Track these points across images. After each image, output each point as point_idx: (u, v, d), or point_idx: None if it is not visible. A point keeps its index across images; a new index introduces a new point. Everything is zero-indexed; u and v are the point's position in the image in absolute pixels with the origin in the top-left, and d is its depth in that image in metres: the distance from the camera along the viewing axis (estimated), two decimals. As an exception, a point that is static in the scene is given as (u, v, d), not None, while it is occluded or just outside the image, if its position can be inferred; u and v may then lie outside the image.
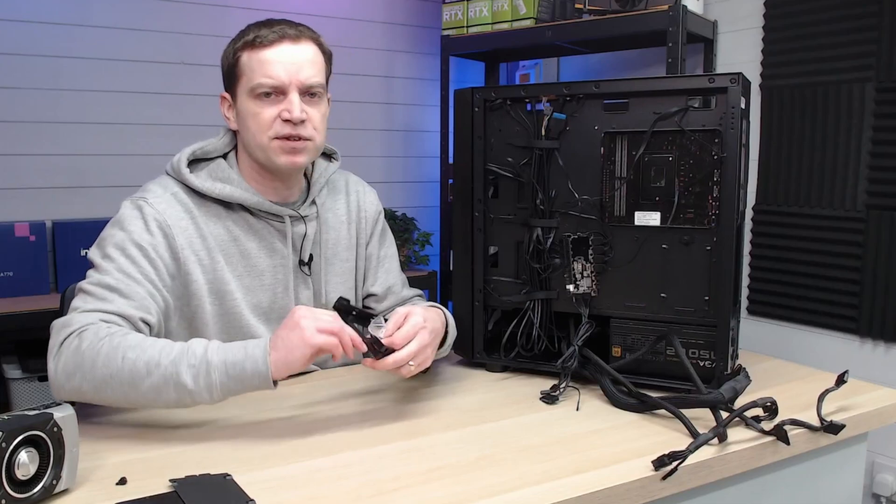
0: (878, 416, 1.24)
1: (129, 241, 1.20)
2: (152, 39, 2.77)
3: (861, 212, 2.24)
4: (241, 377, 1.05)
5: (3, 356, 2.44)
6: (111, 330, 1.09)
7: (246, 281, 1.30)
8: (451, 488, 0.91)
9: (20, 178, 2.59)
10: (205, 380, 1.04)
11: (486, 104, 1.37)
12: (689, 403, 1.14)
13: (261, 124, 1.25)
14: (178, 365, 1.04)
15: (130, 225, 1.21)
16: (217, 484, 0.91)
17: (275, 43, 1.24)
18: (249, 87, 1.24)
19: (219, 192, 1.27)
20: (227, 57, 1.29)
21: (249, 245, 1.30)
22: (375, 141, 3.35)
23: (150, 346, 1.07)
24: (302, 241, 1.35)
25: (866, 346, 2.28)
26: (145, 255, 1.20)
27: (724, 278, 1.24)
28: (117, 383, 1.05)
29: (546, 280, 1.36)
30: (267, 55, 1.23)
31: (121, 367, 1.04)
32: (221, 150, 1.33)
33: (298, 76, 1.24)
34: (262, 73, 1.23)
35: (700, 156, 1.24)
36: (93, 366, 1.05)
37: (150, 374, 1.04)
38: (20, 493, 0.83)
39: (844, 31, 2.25)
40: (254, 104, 1.25)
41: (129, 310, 1.15)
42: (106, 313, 1.13)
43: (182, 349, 1.06)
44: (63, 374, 1.07)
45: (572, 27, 2.62)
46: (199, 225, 1.26)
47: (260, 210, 1.30)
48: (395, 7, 3.38)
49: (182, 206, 1.26)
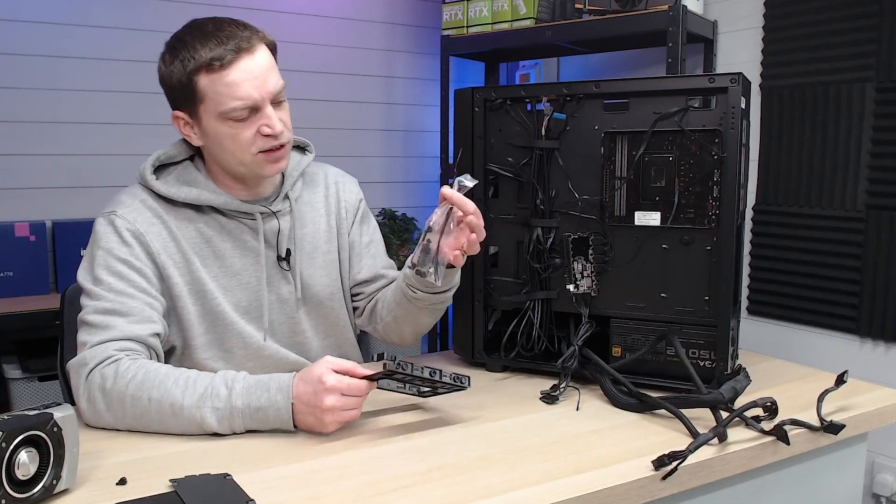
0: (878, 416, 1.24)
1: (111, 258, 1.21)
2: (152, 39, 2.75)
3: (861, 212, 2.24)
4: (265, 421, 1.09)
5: (3, 356, 2.44)
6: (132, 367, 1.11)
7: (223, 281, 1.30)
8: (451, 488, 0.91)
9: (20, 178, 2.59)
10: (229, 422, 1.08)
11: (486, 104, 1.37)
12: (689, 403, 1.14)
13: (241, 144, 1.23)
14: (203, 409, 1.08)
15: (107, 242, 1.22)
16: (217, 484, 0.91)
17: (234, 62, 1.18)
18: (219, 112, 1.20)
19: (185, 195, 1.26)
20: (176, 78, 1.22)
21: (223, 245, 1.30)
22: (375, 141, 3.35)
23: (172, 385, 1.09)
24: (277, 236, 1.34)
25: (866, 346, 2.28)
26: (131, 266, 1.21)
27: (724, 278, 1.24)
28: (147, 422, 1.10)
29: (546, 280, 1.36)
30: (231, 77, 1.18)
31: (147, 408, 1.09)
32: (187, 152, 1.32)
33: (267, 88, 1.21)
34: (232, 96, 1.18)
35: (700, 156, 1.24)
36: (122, 406, 1.10)
37: (176, 416, 1.08)
38: (20, 493, 0.83)
39: (844, 31, 2.26)
40: (227, 126, 1.21)
41: (135, 329, 1.16)
42: (116, 341, 1.15)
43: (205, 390, 1.09)
44: (95, 413, 1.11)
45: (572, 27, 2.62)
46: (171, 229, 1.26)
47: (229, 210, 1.30)
48: (395, 7, 3.38)
49: (151, 211, 1.26)
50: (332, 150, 3.16)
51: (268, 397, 1.08)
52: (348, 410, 1.08)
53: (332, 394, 1.06)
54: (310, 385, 1.07)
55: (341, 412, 1.07)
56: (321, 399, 1.06)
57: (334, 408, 1.06)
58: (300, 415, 1.08)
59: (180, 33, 1.24)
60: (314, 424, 1.08)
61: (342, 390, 1.07)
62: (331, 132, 3.21)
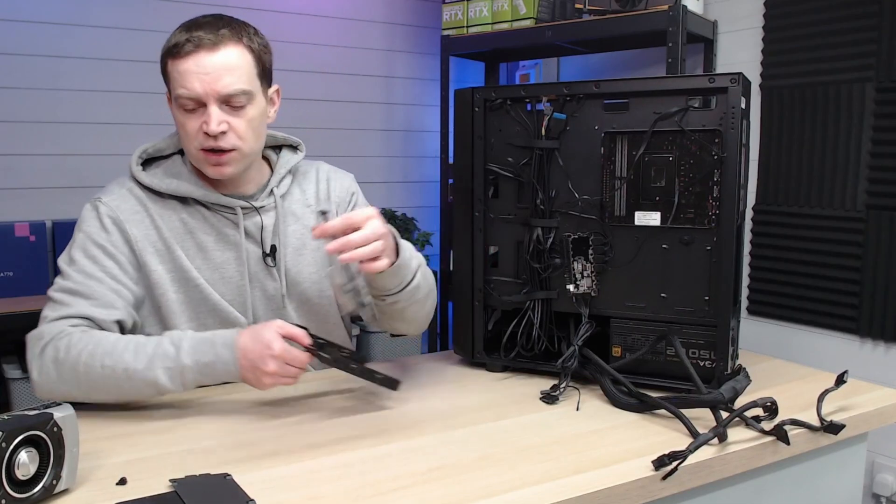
0: (878, 416, 1.24)
1: (88, 241, 1.26)
2: (152, 39, 2.75)
3: (861, 212, 2.24)
4: (213, 376, 1.15)
5: (3, 356, 2.44)
6: (84, 338, 1.15)
7: (206, 273, 1.31)
8: (451, 488, 0.91)
9: (20, 178, 2.59)
10: (181, 379, 1.14)
11: (486, 104, 1.37)
12: (689, 403, 1.14)
13: (188, 135, 1.25)
14: (154, 370, 1.13)
15: (88, 226, 1.27)
16: (217, 484, 0.91)
17: (190, 54, 1.21)
18: (175, 96, 1.24)
19: (166, 186, 1.29)
20: (160, 59, 1.28)
21: (206, 238, 1.31)
22: (375, 141, 3.35)
23: (123, 350, 1.14)
24: (261, 232, 1.35)
25: (866, 346, 2.28)
26: (105, 252, 1.25)
27: (724, 278, 1.24)
28: (102, 389, 1.15)
29: (546, 280, 1.36)
30: (184, 66, 1.21)
31: (102, 374, 1.13)
32: (175, 146, 1.35)
33: (215, 86, 1.21)
34: (181, 84, 1.22)
35: (700, 156, 1.24)
36: (75, 376, 1.14)
37: (131, 380, 1.13)
38: (20, 493, 0.83)
39: (844, 31, 2.26)
40: (180, 114, 1.25)
41: (92, 310, 1.20)
42: (71, 318, 1.19)
43: (154, 351, 1.14)
44: (48, 383, 1.16)
45: (572, 27, 2.62)
46: (154, 217, 1.29)
47: (209, 202, 1.31)
48: (395, 7, 3.38)
49: (136, 199, 1.29)
50: (332, 150, 3.16)
51: (214, 352, 1.14)
52: (286, 377, 1.14)
53: (276, 360, 1.12)
54: (258, 345, 1.13)
55: (280, 378, 1.14)
56: (265, 363, 1.12)
57: (275, 374, 1.13)
58: (242, 369, 1.14)
59: None
60: (252, 381, 1.15)
61: (286, 360, 1.13)
62: (331, 132, 3.21)
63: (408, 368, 1.44)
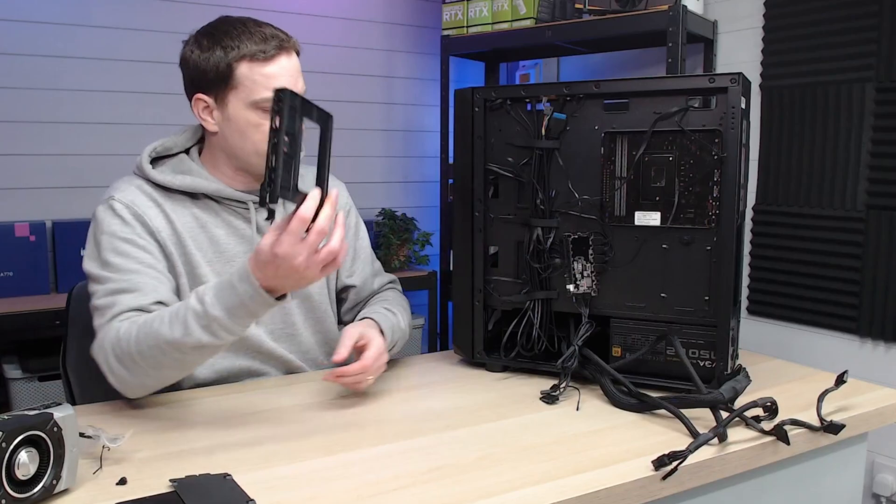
0: (878, 416, 1.24)
1: (115, 239, 1.25)
2: (152, 39, 2.77)
3: (861, 212, 2.24)
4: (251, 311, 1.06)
5: (3, 356, 2.44)
6: (128, 329, 1.14)
7: (217, 267, 1.32)
8: (451, 488, 0.91)
9: (20, 178, 2.59)
10: (222, 330, 1.07)
11: (486, 104, 1.37)
12: (689, 403, 1.14)
13: (264, 134, 1.25)
14: (192, 333, 1.07)
15: (109, 226, 1.26)
16: (217, 484, 0.91)
17: (275, 57, 1.27)
18: (252, 100, 1.26)
19: (179, 183, 1.30)
20: (213, 63, 1.26)
21: (217, 232, 1.33)
22: (375, 141, 3.35)
23: (159, 325, 1.10)
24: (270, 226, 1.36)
25: (866, 346, 2.28)
26: (135, 244, 1.25)
27: (724, 278, 1.24)
28: (165, 367, 1.13)
29: (546, 280, 1.36)
30: (271, 70, 1.26)
31: (153, 355, 1.10)
32: (183, 145, 1.37)
33: (297, 88, 1.28)
34: (268, 86, 1.24)
35: (700, 156, 1.24)
36: (137, 367, 1.13)
37: (179, 350, 1.09)
38: (20, 493, 0.83)
39: (844, 31, 2.25)
40: (256, 115, 1.27)
41: (138, 300, 1.19)
42: (120, 315, 1.18)
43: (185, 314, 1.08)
44: (124, 383, 1.16)
45: (572, 27, 2.62)
46: (167, 212, 1.30)
47: (222, 197, 1.33)
48: (395, 7, 3.38)
49: (147, 196, 1.30)
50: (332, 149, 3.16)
51: (236, 293, 1.05)
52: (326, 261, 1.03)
53: (294, 255, 1.01)
54: (268, 267, 1.02)
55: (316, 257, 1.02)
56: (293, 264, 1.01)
57: (309, 262, 1.02)
58: (274, 290, 1.05)
59: (219, 24, 1.30)
60: (300, 283, 1.05)
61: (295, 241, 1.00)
62: None
63: (408, 368, 1.44)
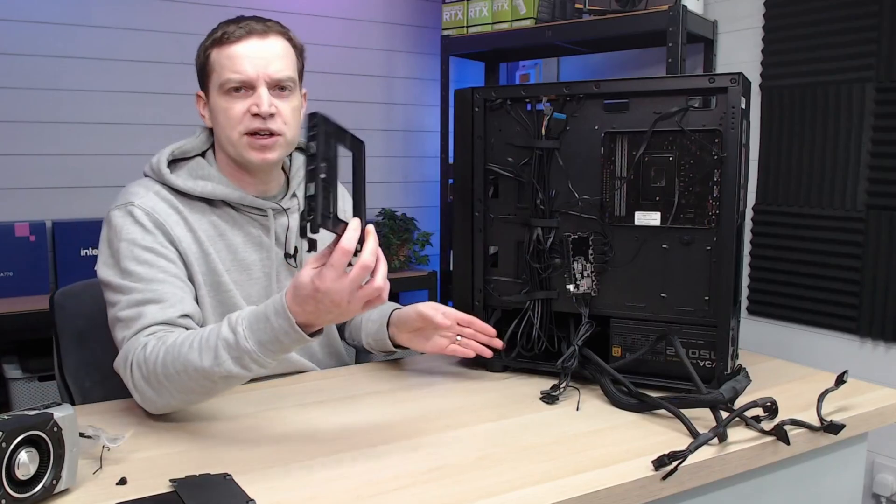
0: (878, 416, 1.23)
1: (136, 248, 1.20)
2: (152, 39, 2.77)
3: (861, 212, 2.24)
4: (285, 346, 1.01)
5: (3, 356, 2.44)
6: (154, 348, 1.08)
7: (234, 275, 1.31)
8: (451, 488, 0.91)
9: (20, 178, 2.59)
10: (253, 364, 1.02)
11: (486, 104, 1.37)
12: (689, 403, 1.14)
13: (231, 119, 1.25)
14: (223, 363, 1.02)
15: (129, 233, 1.21)
16: (217, 484, 0.91)
17: (242, 39, 1.25)
18: (219, 84, 1.25)
19: (200, 189, 1.28)
20: (198, 56, 1.30)
21: (235, 240, 1.31)
22: (375, 141, 3.35)
23: (188, 351, 1.04)
24: (286, 233, 1.36)
25: (866, 346, 2.28)
26: (157, 253, 1.21)
27: (724, 278, 1.24)
28: (192, 392, 1.08)
29: (546, 280, 1.36)
30: (235, 50, 1.24)
31: (180, 381, 1.06)
32: (199, 148, 1.34)
33: (266, 70, 1.25)
34: (231, 68, 1.24)
35: (700, 156, 1.24)
36: (163, 388, 1.08)
37: (208, 378, 1.04)
38: (20, 493, 0.83)
39: (844, 31, 2.26)
40: (223, 100, 1.25)
41: (165, 313, 1.15)
42: (146, 328, 1.14)
43: (216, 343, 1.02)
44: (149, 402, 1.11)
45: (572, 27, 2.62)
46: (188, 219, 1.27)
47: (242, 205, 1.31)
48: (395, 7, 3.38)
49: (167, 202, 1.26)
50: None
51: (271, 328, 0.99)
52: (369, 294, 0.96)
53: (338, 290, 0.94)
54: (308, 302, 0.96)
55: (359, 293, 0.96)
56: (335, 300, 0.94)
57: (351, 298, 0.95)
58: (310, 327, 0.99)
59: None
60: (339, 318, 0.99)
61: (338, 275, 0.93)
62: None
63: (408, 368, 1.44)
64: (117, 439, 0.96)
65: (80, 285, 1.48)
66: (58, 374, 1.41)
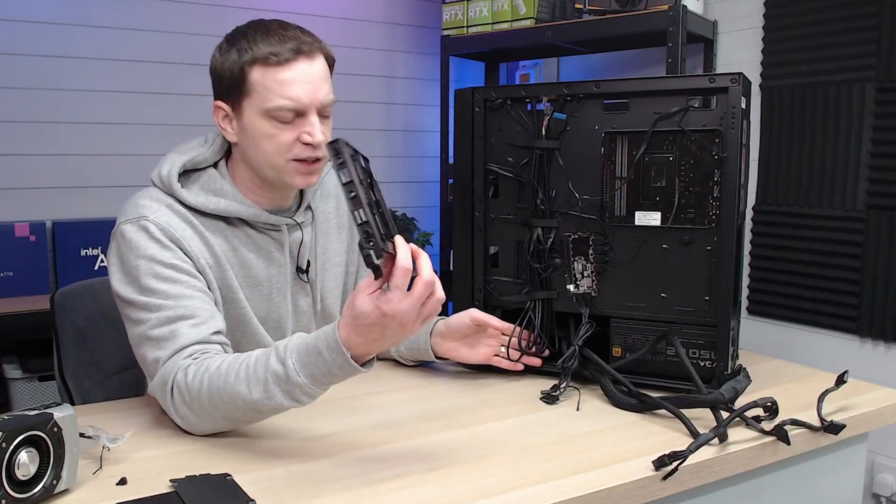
0: (879, 416, 1.24)
1: (156, 265, 1.15)
2: (152, 39, 2.77)
3: (861, 212, 2.24)
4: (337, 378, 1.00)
5: (3, 356, 2.44)
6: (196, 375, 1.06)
7: (246, 291, 1.27)
8: (451, 488, 0.91)
9: (20, 178, 2.59)
10: (304, 396, 1.01)
11: (486, 104, 1.37)
12: (689, 403, 1.14)
13: (279, 147, 1.19)
14: (273, 396, 1.01)
15: (147, 249, 1.16)
16: (217, 484, 0.91)
17: (291, 62, 1.16)
18: (264, 108, 1.17)
19: (214, 206, 1.22)
20: (227, 67, 1.19)
21: (248, 255, 1.27)
22: (375, 141, 3.35)
23: (235, 382, 1.03)
24: (299, 247, 1.33)
25: (866, 346, 2.28)
26: (179, 269, 1.17)
27: (724, 278, 1.24)
28: (239, 420, 1.07)
29: (546, 280, 1.36)
30: (285, 75, 1.16)
31: (228, 409, 1.04)
32: (212, 158, 1.27)
33: (317, 97, 1.18)
34: (282, 94, 1.16)
35: (700, 156, 1.24)
36: (207, 414, 1.06)
37: (256, 409, 1.03)
38: (20, 493, 0.83)
39: (844, 31, 2.26)
40: (269, 125, 1.18)
41: (201, 331, 1.13)
42: (183, 349, 1.11)
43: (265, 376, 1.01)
44: (192, 426, 1.08)
45: (572, 27, 2.62)
46: (203, 235, 1.22)
47: (257, 222, 1.27)
48: (395, 7, 3.38)
49: (180, 217, 1.21)
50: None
51: (324, 362, 0.97)
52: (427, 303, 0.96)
53: (405, 311, 0.93)
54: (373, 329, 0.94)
55: (423, 310, 0.96)
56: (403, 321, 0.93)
57: (419, 316, 0.95)
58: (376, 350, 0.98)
59: (243, 27, 1.21)
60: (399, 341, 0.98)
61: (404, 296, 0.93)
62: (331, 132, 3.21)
63: (408, 368, 1.44)
64: (117, 439, 0.96)
65: (80, 285, 1.48)
66: (58, 374, 1.40)
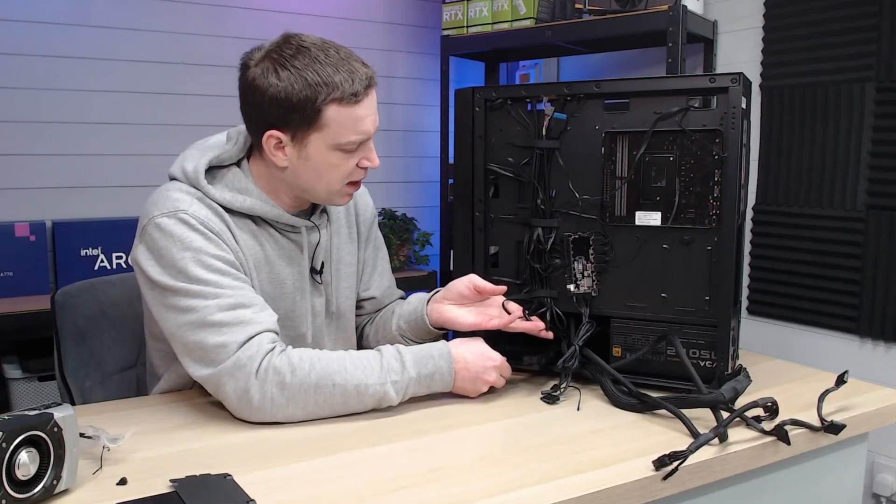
0: (879, 416, 1.24)
1: (203, 255, 1.16)
2: (152, 39, 2.76)
3: (861, 212, 2.24)
4: (430, 386, 1.21)
5: (3, 356, 2.44)
6: (304, 357, 1.14)
7: (268, 288, 1.29)
8: (451, 488, 0.91)
9: (20, 178, 2.59)
10: (404, 392, 1.18)
11: (486, 104, 1.37)
12: (689, 403, 1.14)
13: (342, 174, 1.24)
14: (385, 384, 1.16)
15: (192, 241, 1.17)
16: (217, 484, 0.91)
17: (364, 99, 1.20)
18: (336, 143, 1.20)
19: (240, 204, 1.24)
20: (297, 102, 1.17)
21: (272, 254, 1.29)
22: (375, 141, 3.34)
23: (350, 366, 1.15)
24: (315, 248, 1.35)
25: (866, 346, 2.28)
26: (226, 261, 1.19)
27: (724, 278, 1.24)
28: (329, 406, 1.14)
29: (546, 280, 1.36)
30: (359, 112, 1.20)
31: (332, 393, 1.14)
32: (236, 157, 1.29)
33: (377, 123, 1.25)
34: (355, 129, 1.20)
35: (701, 156, 1.24)
36: (305, 396, 1.13)
37: (360, 395, 1.15)
38: (20, 493, 0.83)
39: (844, 31, 2.26)
40: (337, 156, 1.22)
41: (269, 318, 1.17)
42: (263, 333, 1.14)
43: (381, 365, 1.17)
44: (273, 407, 1.12)
45: (572, 27, 2.62)
46: (233, 230, 1.24)
47: (280, 223, 1.29)
48: (395, 7, 3.38)
49: (213, 211, 1.22)
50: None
51: (434, 364, 1.20)
52: (499, 383, 1.26)
53: (496, 371, 1.24)
54: (479, 358, 1.23)
55: (494, 383, 1.25)
56: (488, 374, 1.23)
57: (495, 382, 1.25)
58: (460, 380, 1.22)
59: (296, 52, 1.18)
60: (468, 390, 1.23)
61: (502, 370, 1.26)
62: None
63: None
64: (117, 439, 0.96)
65: (81, 285, 1.48)
66: (58, 374, 1.40)
